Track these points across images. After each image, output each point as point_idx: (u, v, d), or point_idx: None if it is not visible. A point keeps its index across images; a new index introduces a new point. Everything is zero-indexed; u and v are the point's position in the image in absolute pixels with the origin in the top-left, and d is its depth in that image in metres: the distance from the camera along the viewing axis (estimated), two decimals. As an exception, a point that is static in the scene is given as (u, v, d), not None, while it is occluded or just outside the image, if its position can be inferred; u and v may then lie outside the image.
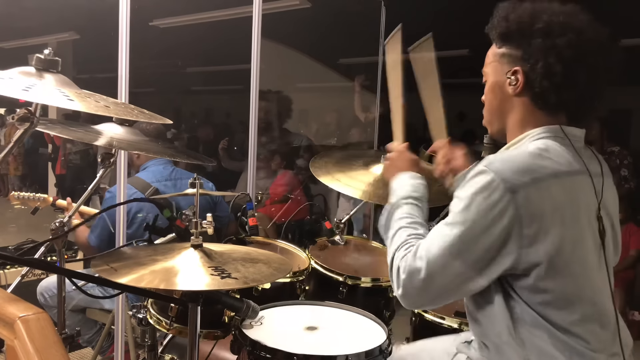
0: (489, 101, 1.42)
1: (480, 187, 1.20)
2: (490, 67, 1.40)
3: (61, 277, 1.66)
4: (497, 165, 1.21)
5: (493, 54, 1.39)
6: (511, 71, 1.32)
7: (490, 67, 1.40)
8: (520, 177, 1.19)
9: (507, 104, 1.37)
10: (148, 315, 1.73)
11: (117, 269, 1.27)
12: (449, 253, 1.22)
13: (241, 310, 1.50)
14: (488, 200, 1.19)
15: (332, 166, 2.41)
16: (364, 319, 1.75)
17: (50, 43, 7.60)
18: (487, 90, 1.42)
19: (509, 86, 1.34)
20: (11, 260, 1.43)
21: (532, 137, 1.32)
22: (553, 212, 1.20)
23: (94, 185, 1.73)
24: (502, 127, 1.42)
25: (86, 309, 2.89)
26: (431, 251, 1.24)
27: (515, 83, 1.32)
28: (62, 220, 1.62)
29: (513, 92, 1.33)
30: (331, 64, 6.60)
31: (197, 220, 1.43)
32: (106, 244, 2.57)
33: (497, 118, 1.41)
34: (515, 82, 1.32)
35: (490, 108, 1.43)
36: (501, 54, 1.36)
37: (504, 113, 1.39)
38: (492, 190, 1.19)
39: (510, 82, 1.33)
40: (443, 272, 1.23)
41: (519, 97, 1.33)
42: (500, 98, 1.38)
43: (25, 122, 1.22)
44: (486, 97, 1.43)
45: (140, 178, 2.77)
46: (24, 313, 1.18)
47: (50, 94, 1.17)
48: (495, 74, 1.38)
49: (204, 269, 1.31)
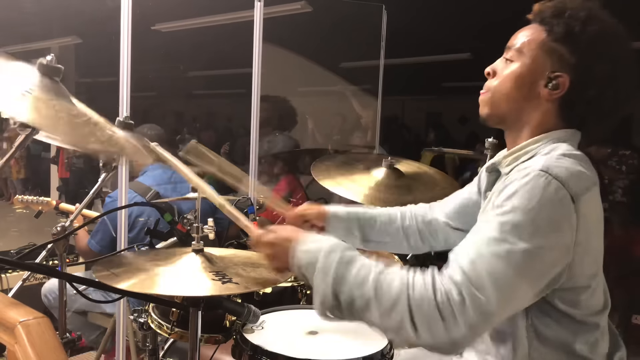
0: (505, 87, 1.28)
1: (546, 194, 1.08)
2: (528, 53, 1.25)
3: (62, 281, 1.67)
4: (557, 171, 1.10)
5: (540, 41, 1.24)
6: (556, 74, 1.21)
7: (529, 53, 1.25)
8: (578, 184, 1.11)
9: (530, 102, 1.25)
10: (149, 319, 1.73)
11: (119, 274, 1.27)
12: (518, 274, 1.06)
13: (242, 314, 1.50)
14: (558, 209, 1.08)
15: (334, 170, 2.42)
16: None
17: (52, 47, 7.64)
18: (510, 74, 1.27)
19: (543, 87, 1.23)
20: (12, 265, 1.43)
21: (554, 139, 1.23)
22: (596, 222, 1.17)
23: (95, 190, 1.74)
24: (507, 117, 1.30)
25: (88, 313, 2.90)
26: (500, 279, 1.05)
27: (554, 88, 1.22)
28: (63, 224, 1.63)
29: (547, 95, 1.23)
30: (332, 68, 6.61)
31: (199, 225, 1.43)
32: (107, 249, 2.58)
33: (508, 106, 1.28)
34: (554, 88, 1.22)
35: (505, 94, 1.28)
36: (552, 48, 1.22)
37: (521, 107, 1.27)
38: (561, 199, 1.08)
39: (549, 83, 1.22)
40: (514, 299, 1.08)
41: (548, 102, 1.24)
42: (525, 93, 1.25)
43: (27, 128, 1.23)
44: (505, 79, 1.28)
45: (140, 182, 2.78)
46: (25, 318, 1.18)
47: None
48: (532, 65, 1.24)
49: (206, 274, 1.31)
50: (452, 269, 1.08)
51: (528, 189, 1.09)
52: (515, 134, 1.30)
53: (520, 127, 1.28)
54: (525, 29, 1.29)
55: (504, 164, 1.29)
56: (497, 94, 1.29)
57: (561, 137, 1.24)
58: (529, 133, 1.27)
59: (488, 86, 1.32)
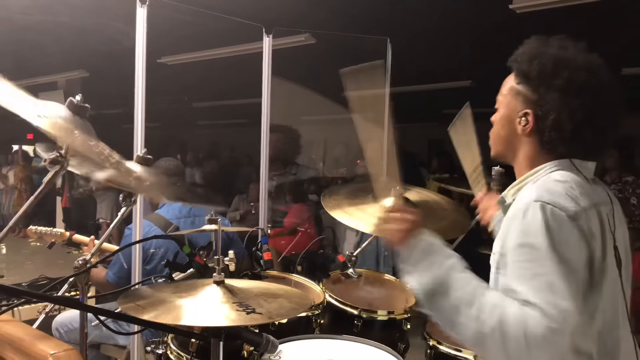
0: (497, 130, 1.44)
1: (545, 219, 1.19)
2: (504, 98, 1.42)
3: (83, 314, 1.69)
4: (548, 198, 1.21)
5: (510, 87, 1.40)
6: (523, 112, 1.35)
7: (505, 98, 1.41)
8: (573, 204, 1.21)
9: (515, 139, 1.40)
10: (168, 350, 1.76)
11: (144, 307, 1.31)
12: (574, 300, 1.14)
13: (261, 344, 1.52)
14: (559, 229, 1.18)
15: (343, 200, 2.45)
16: (381, 352, 1.77)
17: (59, 81, 7.75)
18: (497, 118, 1.44)
19: (518, 124, 1.37)
20: (38, 298, 1.46)
21: (546, 170, 1.34)
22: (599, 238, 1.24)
23: (115, 223, 1.77)
24: (505, 155, 1.45)
25: (100, 345, 2.90)
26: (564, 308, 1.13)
27: (524, 124, 1.35)
28: (85, 258, 1.66)
29: (522, 131, 1.36)
30: (335, 97, 6.70)
31: (219, 257, 1.47)
32: (125, 280, 2.60)
33: (502, 146, 1.45)
34: (525, 124, 1.35)
35: (497, 136, 1.45)
36: (517, 91, 1.37)
37: (511, 146, 1.41)
38: (560, 222, 1.19)
39: (520, 121, 1.36)
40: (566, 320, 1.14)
41: (528, 137, 1.36)
42: (509, 132, 1.40)
43: (55, 164, 1.27)
44: (496, 124, 1.45)
45: (161, 215, 2.81)
46: (55, 350, 1.22)
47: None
48: (508, 108, 1.40)
49: (229, 305, 1.34)
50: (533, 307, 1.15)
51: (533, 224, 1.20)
52: (517, 167, 1.44)
53: (517, 161, 1.43)
54: (508, 78, 1.44)
55: (509, 195, 1.42)
56: (493, 137, 1.48)
57: (556, 165, 1.35)
58: (525, 166, 1.40)
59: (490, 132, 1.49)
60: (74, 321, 2.82)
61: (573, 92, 1.29)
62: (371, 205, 2.41)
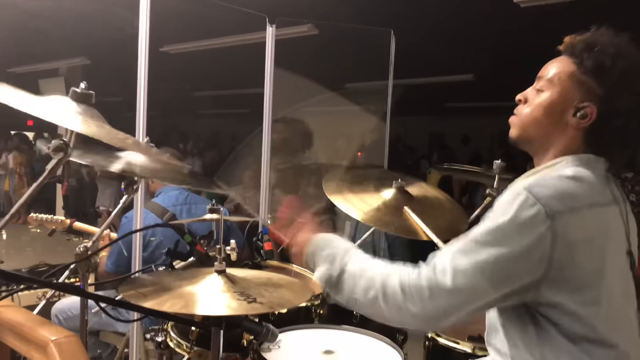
0: (536, 113, 1.35)
1: (522, 210, 1.17)
2: (558, 84, 1.33)
3: (84, 301, 1.69)
4: (538, 190, 1.19)
5: (570, 73, 1.31)
6: (584, 104, 1.29)
7: (560, 84, 1.32)
8: (560, 204, 1.18)
9: (558, 128, 1.33)
10: (168, 338, 1.76)
11: (145, 294, 1.31)
12: (480, 273, 1.17)
13: (261, 334, 1.53)
14: (529, 224, 1.16)
15: (345, 186, 2.44)
16: (380, 342, 1.78)
17: (60, 68, 7.73)
18: (540, 102, 1.35)
19: (572, 115, 1.30)
20: (39, 284, 1.47)
21: (565, 163, 1.31)
22: (584, 242, 1.20)
23: (117, 211, 1.77)
24: (535, 140, 1.38)
25: (99, 332, 2.91)
26: (459, 269, 1.18)
27: (583, 117, 1.29)
28: (86, 245, 1.66)
29: (575, 123, 1.30)
30: (337, 89, 6.68)
31: (221, 246, 1.47)
32: (124, 269, 2.60)
33: (536, 131, 1.36)
34: (583, 117, 1.29)
35: (534, 119, 1.36)
36: (582, 80, 1.30)
37: (549, 133, 1.34)
38: (534, 215, 1.16)
39: (578, 113, 1.29)
40: (471, 291, 1.18)
41: (576, 129, 1.31)
42: (554, 120, 1.33)
43: (59, 152, 1.27)
44: (537, 106, 1.36)
45: (157, 203, 2.82)
46: (56, 336, 1.21)
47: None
48: (563, 95, 1.32)
49: (230, 294, 1.35)
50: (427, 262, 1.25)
51: (505, 203, 1.20)
52: (540, 157, 1.38)
53: (545, 150, 1.36)
54: (555, 61, 1.37)
55: None
56: (527, 119, 1.38)
57: (576, 160, 1.31)
58: (553, 156, 1.34)
59: (518, 111, 1.41)
60: (73, 308, 2.83)
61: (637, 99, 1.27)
62: (371, 194, 2.41)
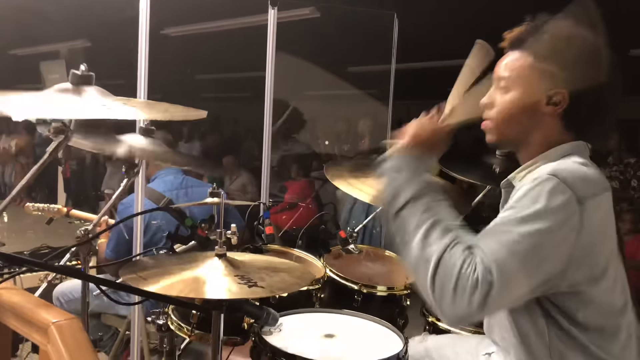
0: (509, 113, 1.35)
1: (554, 196, 1.16)
2: (521, 79, 1.33)
3: (85, 284, 1.70)
4: (565, 175, 1.19)
5: (529, 66, 1.32)
6: (554, 91, 1.29)
7: (523, 79, 1.32)
8: (586, 189, 1.19)
9: (534, 120, 1.33)
10: (169, 321, 1.77)
11: (146, 278, 1.31)
12: (523, 266, 1.14)
13: (262, 317, 1.54)
14: (563, 210, 1.16)
15: (346, 172, 2.45)
16: (381, 327, 1.78)
17: (61, 50, 7.68)
18: (509, 101, 1.34)
19: (545, 105, 1.30)
20: (40, 267, 1.47)
21: (562, 151, 1.31)
22: (600, 227, 1.22)
23: (117, 195, 1.77)
24: (515, 139, 1.38)
25: (101, 315, 2.93)
26: (503, 263, 1.13)
27: (557, 104, 1.29)
28: (87, 229, 1.66)
29: (551, 111, 1.30)
30: (340, 73, 6.64)
31: (222, 230, 1.47)
32: (124, 254, 2.60)
33: (514, 130, 1.36)
34: (557, 103, 1.29)
35: (509, 119, 1.35)
36: (542, 68, 1.30)
37: (527, 128, 1.34)
38: (567, 201, 1.16)
39: (550, 101, 1.30)
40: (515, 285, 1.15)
41: (552, 118, 1.31)
42: (529, 114, 1.33)
43: (60, 134, 1.26)
44: (507, 106, 1.35)
45: (153, 188, 2.81)
46: (57, 319, 1.22)
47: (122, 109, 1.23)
48: (529, 88, 1.32)
49: (230, 278, 1.35)
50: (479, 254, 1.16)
51: (536, 191, 1.18)
52: (525, 153, 1.38)
53: (528, 146, 1.36)
54: (506, 57, 1.37)
55: (518, 178, 1.38)
56: (501, 121, 1.37)
57: (567, 149, 1.32)
58: (538, 149, 1.35)
59: (488, 115, 1.40)
60: (74, 291, 2.84)
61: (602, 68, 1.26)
62: (374, 180, 2.42)
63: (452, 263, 1.14)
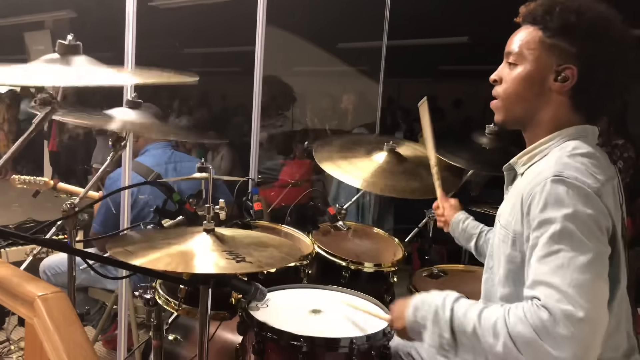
0: (516, 89, 1.33)
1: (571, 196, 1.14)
2: (530, 54, 1.30)
3: (71, 257, 1.69)
4: (569, 173, 1.16)
5: (539, 41, 1.29)
6: (563, 67, 1.26)
7: (532, 54, 1.30)
8: (593, 180, 1.17)
9: (542, 98, 1.30)
10: (156, 295, 1.77)
11: (133, 252, 1.30)
12: (597, 277, 1.10)
13: (249, 292, 1.54)
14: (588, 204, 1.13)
15: (335, 153, 2.45)
16: (367, 303, 1.79)
17: (46, 21, 7.53)
18: (517, 76, 1.32)
19: (553, 81, 1.28)
20: (26, 240, 1.46)
21: (565, 137, 1.29)
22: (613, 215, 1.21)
23: (104, 168, 1.75)
24: (522, 118, 1.35)
25: (88, 288, 2.92)
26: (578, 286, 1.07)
27: (565, 80, 1.26)
28: (73, 202, 1.64)
29: (559, 88, 1.28)
30: (330, 48, 6.58)
31: (210, 205, 1.46)
32: (111, 229, 2.59)
33: (521, 108, 1.34)
34: (565, 80, 1.26)
35: (516, 96, 1.33)
36: (552, 44, 1.27)
37: (534, 106, 1.32)
38: (586, 196, 1.14)
39: (558, 77, 1.27)
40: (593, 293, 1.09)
41: (560, 95, 1.29)
42: (537, 91, 1.30)
43: (46, 105, 1.24)
44: (513, 82, 1.33)
45: (141, 163, 2.78)
46: (43, 292, 1.21)
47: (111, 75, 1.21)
48: (537, 63, 1.29)
49: (218, 253, 1.35)
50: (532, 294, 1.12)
51: (554, 198, 1.14)
52: (532, 133, 1.35)
53: (536, 125, 1.34)
54: (518, 32, 1.35)
55: (520, 163, 1.36)
56: (509, 98, 1.35)
57: (571, 134, 1.29)
58: (545, 130, 1.32)
59: (497, 92, 1.38)
60: (61, 264, 2.83)
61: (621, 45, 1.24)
62: (363, 159, 2.42)
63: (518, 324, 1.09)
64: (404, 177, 2.29)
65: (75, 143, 8.32)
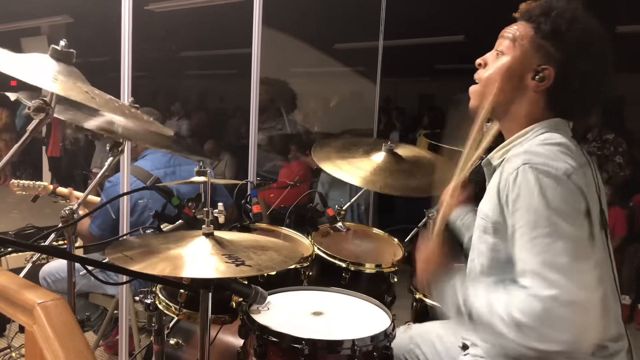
0: (497, 77, 1.36)
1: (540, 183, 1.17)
2: (518, 47, 1.35)
3: (71, 263, 1.68)
4: (537, 160, 1.20)
5: (529, 37, 1.34)
6: (542, 67, 1.31)
7: (519, 48, 1.35)
8: (562, 163, 1.20)
9: (518, 93, 1.35)
10: (157, 300, 1.76)
11: (133, 257, 1.30)
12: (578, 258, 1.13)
13: (250, 296, 1.54)
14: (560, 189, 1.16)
15: (334, 153, 2.45)
16: (368, 304, 1.79)
17: (43, 26, 7.53)
18: (500, 66, 1.36)
19: (530, 79, 1.33)
20: (25, 247, 1.45)
21: (538, 129, 1.34)
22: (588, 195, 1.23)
23: (102, 173, 1.75)
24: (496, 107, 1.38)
25: (89, 294, 2.92)
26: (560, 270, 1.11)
27: (542, 80, 1.32)
28: (71, 208, 1.64)
29: (534, 86, 1.33)
30: (326, 49, 6.59)
31: (208, 209, 1.46)
32: (109, 233, 2.59)
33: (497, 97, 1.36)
34: (542, 80, 1.31)
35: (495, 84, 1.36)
36: (539, 44, 1.32)
37: (509, 99, 1.36)
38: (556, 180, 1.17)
39: (536, 76, 1.32)
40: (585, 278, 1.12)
41: (535, 93, 1.34)
42: (514, 84, 1.35)
43: (40, 112, 1.24)
44: (495, 71, 1.37)
45: (140, 167, 2.78)
46: (43, 299, 1.20)
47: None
48: (522, 58, 1.34)
49: (218, 257, 1.34)
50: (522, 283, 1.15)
51: (526, 186, 1.18)
52: (507, 126, 1.40)
53: (510, 119, 1.39)
54: (513, 26, 1.39)
55: (496, 157, 1.41)
56: (488, 85, 1.39)
57: (545, 126, 1.34)
58: (519, 124, 1.37)
59: (479, 76, 1.42)
60: (61, 270, 2.82)
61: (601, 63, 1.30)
62: (362, 159, 2.42)
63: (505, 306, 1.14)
64: (403, 175, 2.29)
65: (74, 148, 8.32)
